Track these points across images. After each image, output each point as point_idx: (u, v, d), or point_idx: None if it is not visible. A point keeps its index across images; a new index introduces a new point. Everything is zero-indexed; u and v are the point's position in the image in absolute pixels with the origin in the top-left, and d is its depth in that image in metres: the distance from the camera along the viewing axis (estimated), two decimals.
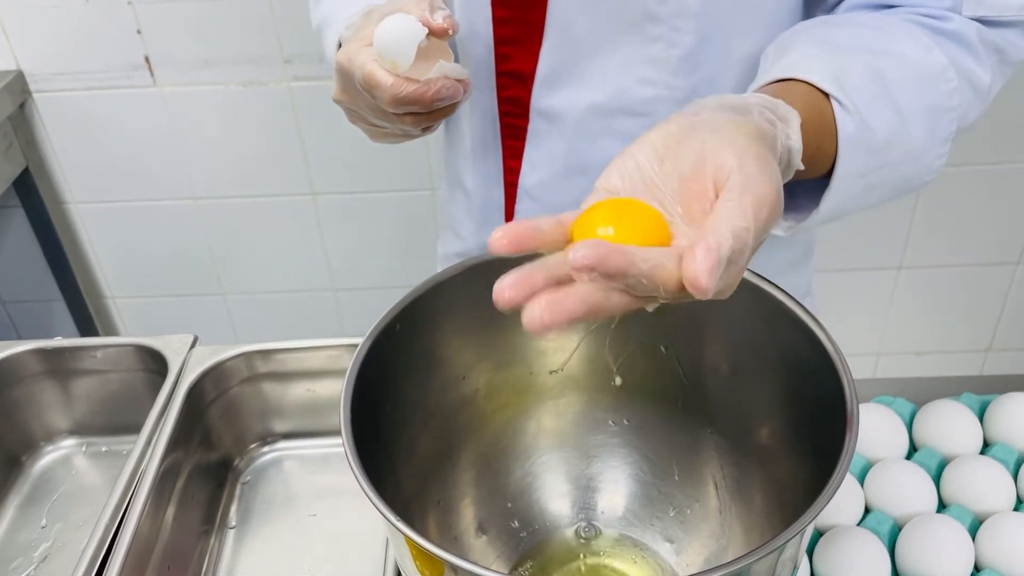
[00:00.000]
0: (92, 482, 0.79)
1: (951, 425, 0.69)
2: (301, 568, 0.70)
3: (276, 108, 1.40)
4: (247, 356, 0.76)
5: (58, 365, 0.78)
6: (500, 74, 0.70)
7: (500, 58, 0.70)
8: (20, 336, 1.67)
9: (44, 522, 0.74)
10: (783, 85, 0.53)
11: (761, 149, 0.43)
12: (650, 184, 0.44)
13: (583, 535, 0.64)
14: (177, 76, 1.38)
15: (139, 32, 1.34)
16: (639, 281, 0.38)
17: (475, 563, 0.42)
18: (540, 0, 0.65)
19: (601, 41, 0.66)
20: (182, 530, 0.69)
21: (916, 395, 0.73)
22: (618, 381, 0.64)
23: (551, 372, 0.65)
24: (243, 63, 1.36)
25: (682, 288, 0.38)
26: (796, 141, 0.47)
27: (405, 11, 0.59)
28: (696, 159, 0.42)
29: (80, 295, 1.55)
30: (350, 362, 0.53)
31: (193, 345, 0.77)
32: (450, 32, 0.59)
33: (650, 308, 0.41)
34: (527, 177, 0.74)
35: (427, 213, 1.51)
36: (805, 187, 0.56)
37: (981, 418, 0.70)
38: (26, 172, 1.41)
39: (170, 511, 0.68)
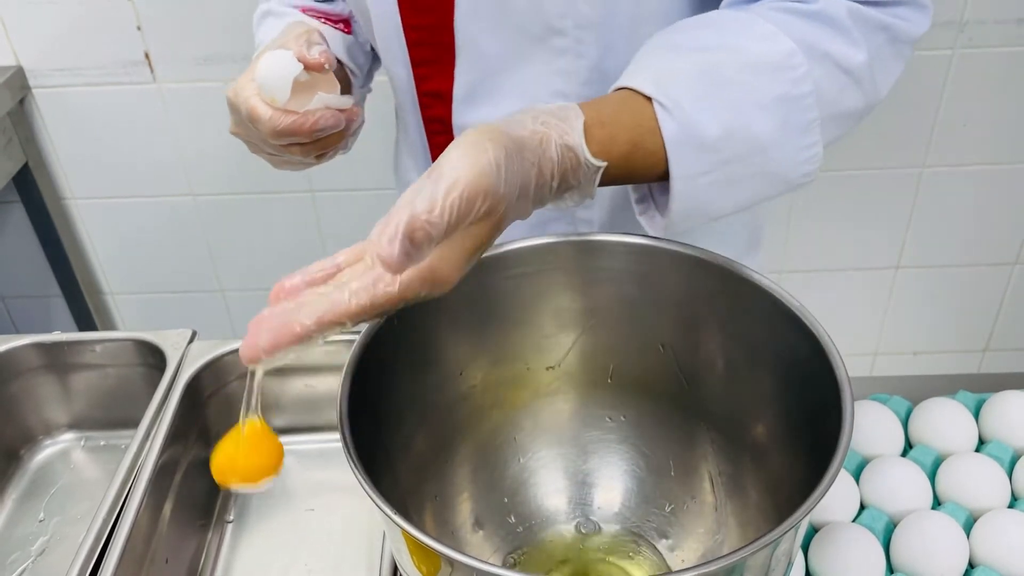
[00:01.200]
0: (90, 476, 0.79)
1: (946, 423, 0.69)
2: (298, 562, 0.70)
3: None
4: None
5: (57, 359, 0.79)
6: (421, 94, 0.72)
7: (419, 79, 0.71)
8: (19, 332, 1.67)
9: (42, 516, 0.75)
10: (609, 96, 0.54)
11: (477, 136, 0.43)
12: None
13: (580, 530, 0.65)
14: (177, 72, 1.38)
15: (139, 28, 1.34)
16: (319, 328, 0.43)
17: (471, 556, 0.43)
18: (447, 23, 0.66)
19: (511, 58, 0.67)
20: (180, 524, 0.69)
21: (912, 393, 0.73)
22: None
23: (548, 368, 0.65)
24: (243, 60, 1.36)
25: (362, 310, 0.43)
26: (575, 138, 0.48)
27: (285, 47, 0.61)
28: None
29: (79, 291, 1.56)
30: (347, 357, 0.53)
31: (191, 340, 0.77)
32: (326, 67, 0.61)
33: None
34: None
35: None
36: (657, 189, 0.57)
37: (976, 416, 0.71)
38: (25, 168, 1.41)
39: (168, 505, 0.68)
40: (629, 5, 0.63)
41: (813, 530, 0.63)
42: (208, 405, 0.76)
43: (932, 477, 0.67)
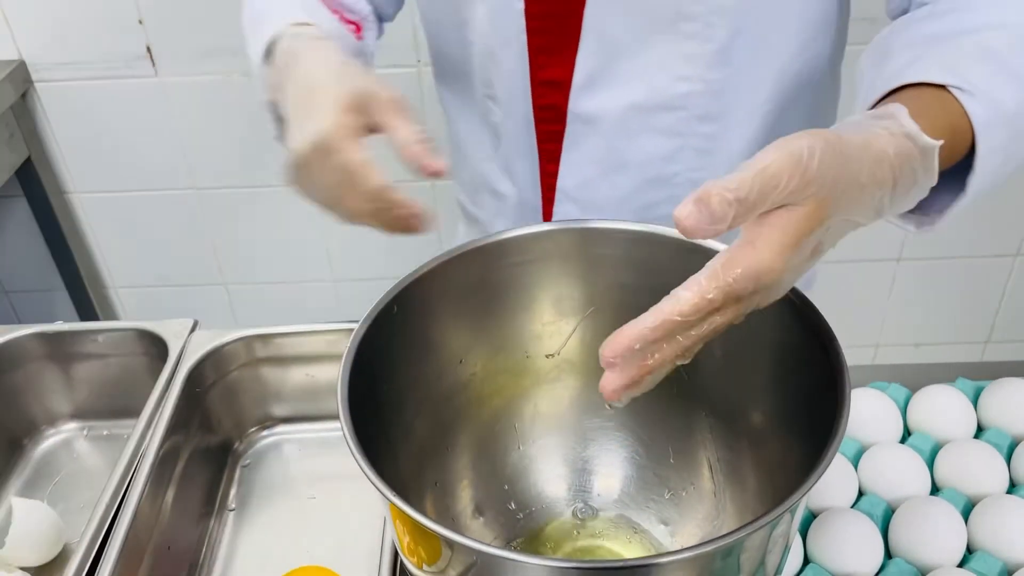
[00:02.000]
0: (93, 465, 0.80)
1: (945, 410, 0.69)
2: (300, 549, 0.70)
3: None
4: (246, 340, 0.76)
5: (59, 349, 0.79)
6: (537, 83, 0.71)
7: (536, 67, 0.70)
8: None
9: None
10: (894, 95, 0.51)
11: (793, 137, 0.41)
12: None
13: (579, 516, 0.65)
14: (178, 66, 1.38)
15: (140, 22, 1.35)
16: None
17: (470, 537, 0.43)
18: (576, 8, 0.66)
19: (636, 42, 0.67)
20: (182, 512, 0.70)
21: (911, 381, 0.73)
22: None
23: (548, 356, 0.65)
24: (244, 53, 1.36)
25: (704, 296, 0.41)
26: (910, 125, 0.45)
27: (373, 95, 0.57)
28: None
29: (82, 284, 1.56)
30: (347, 346, 0.53)
31: (193, 329, 0.78)
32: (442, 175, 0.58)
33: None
34: (566, 179, 0.75)
35: (427, 203, 1.51)
36: (945, 174, 0.53)
37: (975, 404, 0.71)
38: (28, 162, 1.42)
39: (170, 494, 0.69)
40: None
41: (812, 516, 0.64)
42: (210, 394, 0.76)
43: (931, 464, 0.67)
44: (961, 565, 0.60)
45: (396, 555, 0.63)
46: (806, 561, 0.62)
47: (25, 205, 1.48)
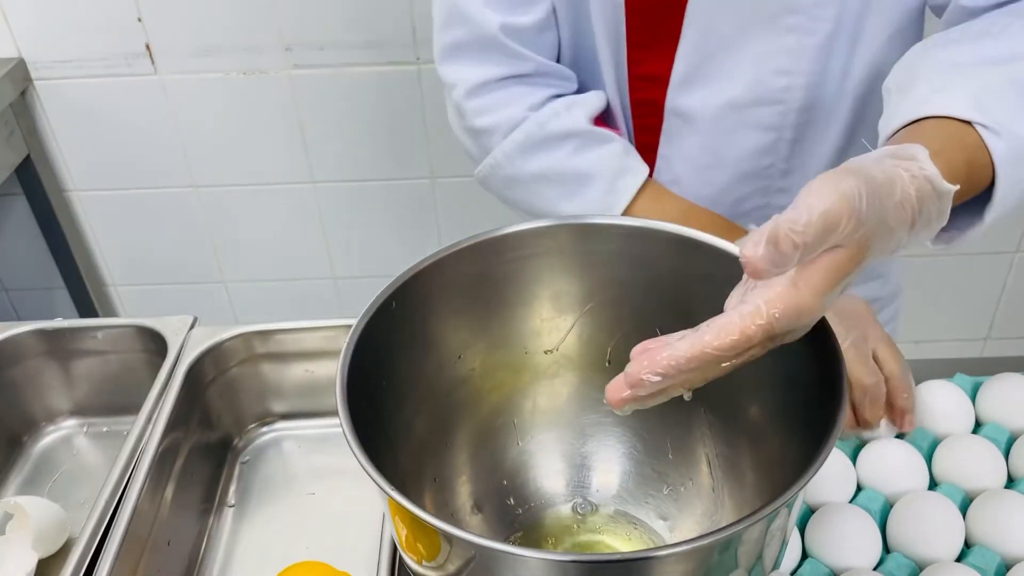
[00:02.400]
0: (93, 462, 0.80)
1: (944, 405, 0.69)
2: (299, 545, 0.70)
3: (276, 96, 1.40)
4: (246, 337, 0.76)
5: (59, 346, 0.79)
6: (634, 77, 0.72)
7: (633, 61, 0.71)
8: None
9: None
10: (914, 126, 0.52)
11: (838, 173, 0.42)
12: None
13: (578, 511, 0.65)
14: (178, 64, 1.38)
15: (140, 20, 1.35)
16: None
17: (470, 532, 0.43)
18: (678, 4, 0.66)
19: (738, 37, 0.67)
20: (181, 508, 0.70)
21: None
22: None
23: (546, 352, 0.65)
24: (243, 51, 1.37)
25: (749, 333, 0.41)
26: (931, 168, 0.45)
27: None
28: None
29: (82, 282, 1.56)
30: (345, 342, 0.53)
31: (192, 326, 0.78)
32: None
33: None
34: (662, 173, 0.76)
35: (426, 201, 1.51)
36: (966, 203, 0.55)
37: (973, 399, 0.71)
38: (28, 160, 1.42)
39: (169, 490, 0.69)
40: None
41: (810, 511, 0.64)
42: (209, 391, 0.76)
43: (929, 459, 0.67)
44: (959, 559, 0.60)
45: (395, 551, 0.63)
46: (804, 556, 0.62)
47: (24, 203, 1.48)
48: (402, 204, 1.52)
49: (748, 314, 0.41)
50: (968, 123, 0.51)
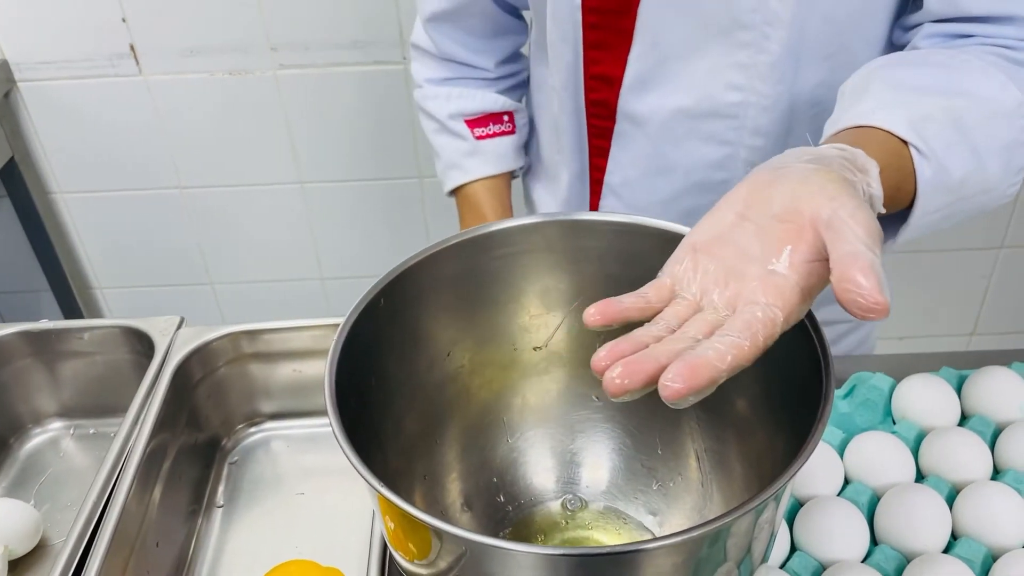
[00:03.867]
0: (80, 464, 0.79)
1: (930, 398, 0.70)
2: (289, 545, 0.70)
3: (262, 96, 1.40)
4: (233, 337, 0.76)
5: (45, 348, 0.79)
6: (589, 77, 0.72)
7: (589, 61, 0.71)
8: None
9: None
10: (862, 131, 0.53)
11: (852, 192, 0.44)
12: (737, 227, 0.45)
13: (568, 507, 0.65)
14: (163, 65, 1.38)
15: (124, 20, 1.34)
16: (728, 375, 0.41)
17: (459, 527, 0.43)
18: (630, 8, 0.67)
19: (690, 47, 0.68)
20: (170, 509, 0.70)
21: (896, 371, 0.74)
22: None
23: (535, 348, 0.65)
24: (229, 51, 1.36)
25: (759, 351, 0.42)
26: (877, 189, 0.47)
27: None
28: (788, 205, 0.44)
29: (67, 285, 1.55)
30: (326, 333, 0.53)
31: (179, 326, 0.77)
32: None
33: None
34: (612, 175, 0.77)
35: (414, 201, 1.51)
36: (881, 217, 0.56)
37: (959, 392, 0.71)
38: (12, 162, 1.41)
39: (157, 491, 0.69)
40: (826, 6, 0.64)
41: (798, 504, 0.64)
42: (197, 391, 0.76)
43: (915, 452, 0.67)
44: (946, 551, 0.61)
45: (386, 549, 0.63)
46: (793, 549, 0.62)
47: (9, 205, 1.47)
48: (390, 204, 1.52)
49: (769, 321, 0.42)
50: (905, 143, 0.53)
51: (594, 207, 0.80)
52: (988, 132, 0.56)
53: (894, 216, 0.56)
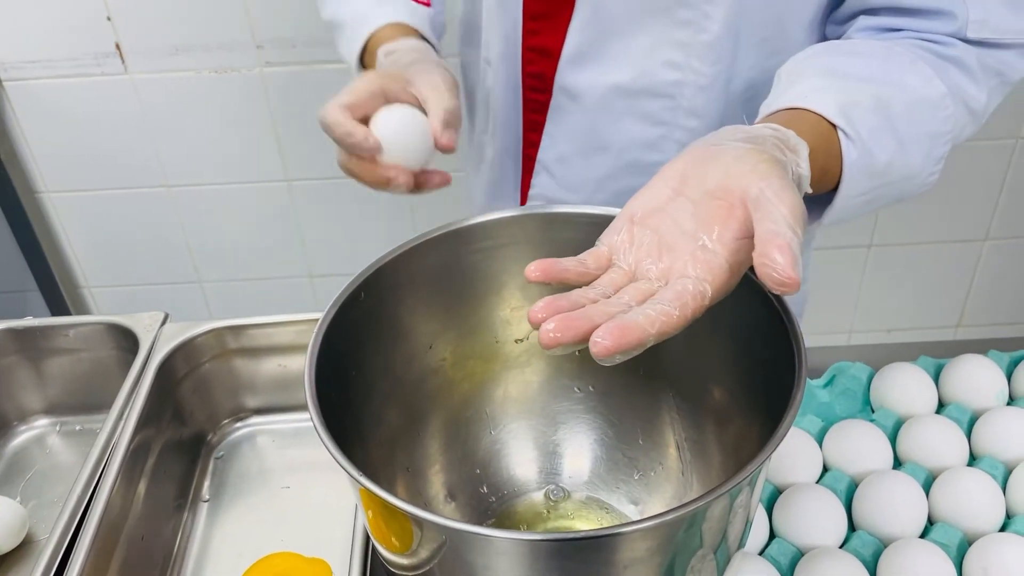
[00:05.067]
0: (66, 460, 0.80)
1: (907, 387, 0.70)
2: (274, 538, 0.71)
3: (249, 94, 1.40)
4: (217, 332, 0.76)
5: (30, 345, 0.79)
6: (527, 48, 0.72)
7: (528, 33, 0.71)
8: None
9: (18, 500, 0.75)
10: (794, 113, 0.56)
11: (782, 172, 0.46)
12: (672, 201, 0.48)
13: (551, 498, 0.66)
14: (148, 63, 1.38)
15: (109, 19, 1.34)
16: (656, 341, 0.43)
17: (440, 515, 0.43)
18: None
19: (630, 22, 0.67)
20: (155, 504, 0.70)
21: (875, 361, 0.75)
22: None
23: (517, 341, 0.66)
24: (215, 49, 1.36)
25: (686, 322, 0.43)
26: (805, 170, 0.50)
27: (413, 101, 0.63)
28: (721, 182, 0.47)
29: (55, 284, 1.55)
30: (310, 328, 0.54)
31: (164, 322, 0.78)
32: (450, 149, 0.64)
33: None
34: (546, 152, 0.76)
35: (402, 198, 1.51)
36: (809, 198, 0.58)
37: (936, 381, 0.72)
38: None
39: (142, 486, 0.69)
40: None
41: (777, 492, 0.65)
42: (181, 387, 0.76)
43: (893, 439, 0.68)
44: (922, 536, 0.62)
45: (368, 541, 0.63)
46: (772, 536, 0.63)
47: None
48: (377, 201, 1.52)
49: (698, 294, 0.44)
50: (834, 127, 0.55)
51: (525, 186, 0.79)
52: (913, 121, 0.58)
53: (821, 197, 0.58)
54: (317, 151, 1.47)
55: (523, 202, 0.80)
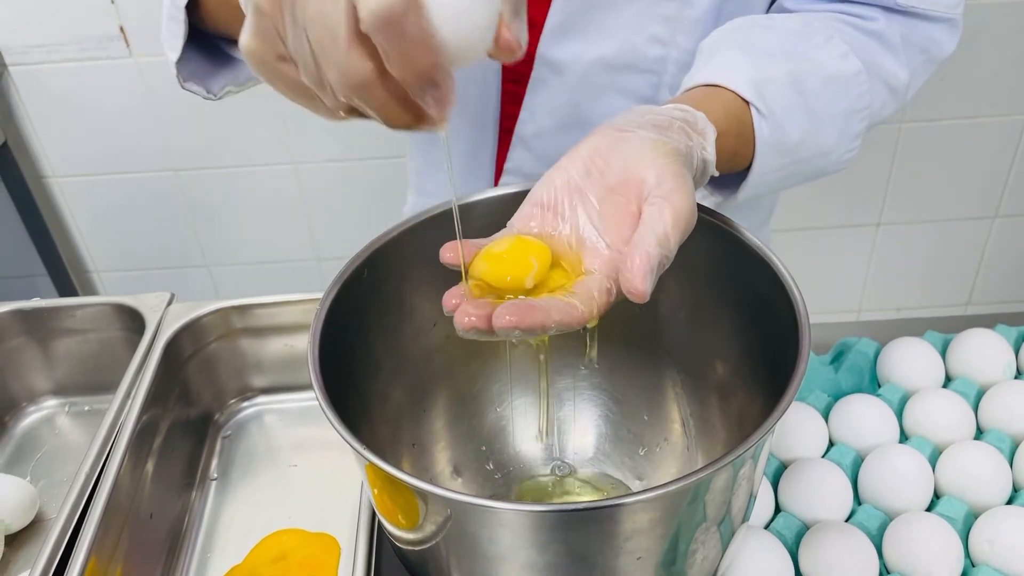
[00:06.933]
0: (75, 441, 0.80)
1: (914, 361, 0.70)
2: (282, 516, 0.71)
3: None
4: (223, 312, 0.77)
5: (37, 326, 0.79)
6: None
7: None
8: None
9: (29, 479, 0.75)
10: (709, 90, 0.57)
11: (678, 166, 0.47)
12: (578, 193, 0.49)
13: (557, 474, 0.66)
14: (152, 46, 1.38)
15: (113, 2, 1.34)
16: (556, 328, 0.45)
17: (442, 487, 0.44)
18: None
19: None
20: (163, 483, 0.70)
21: (882, 336, 0.74)
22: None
23: None
24: None
25: (591, 317, 0.46)
26: (711, 154, 0.51)
27: None
28: (621, 174, 0.48)
29: (64, 269, 1.56)
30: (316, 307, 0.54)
31: (170, 303, 0.78)
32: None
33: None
34: (525, 125, 0.74)
35: (410, 177, 1.51)
36: (726, 175, 0.60)
37: (943, 355, 0.72)
38: (4, 147, 1.41)
39: (150, 464, 0.69)
40: None
41: (783, 466, 0.65)
42: (188, 367, 0.77)
43: (899, 413, 0.68)
44: (928, 509, 0.62)
45: (375, 518, 0.64)
46: (778, 510, 0.63)
47: (3, 191, 1.47)
48: (383, 183, 1.52)
49: (604, 291, 0.46)
50: (747, 103, 0.56)
51: (500, 160, 0.77)
52: (827, 97, 0.59)
53: (737, 173, 0.58)
54: (323, 134, 1.47)
55: (498, 177, 0.79)
